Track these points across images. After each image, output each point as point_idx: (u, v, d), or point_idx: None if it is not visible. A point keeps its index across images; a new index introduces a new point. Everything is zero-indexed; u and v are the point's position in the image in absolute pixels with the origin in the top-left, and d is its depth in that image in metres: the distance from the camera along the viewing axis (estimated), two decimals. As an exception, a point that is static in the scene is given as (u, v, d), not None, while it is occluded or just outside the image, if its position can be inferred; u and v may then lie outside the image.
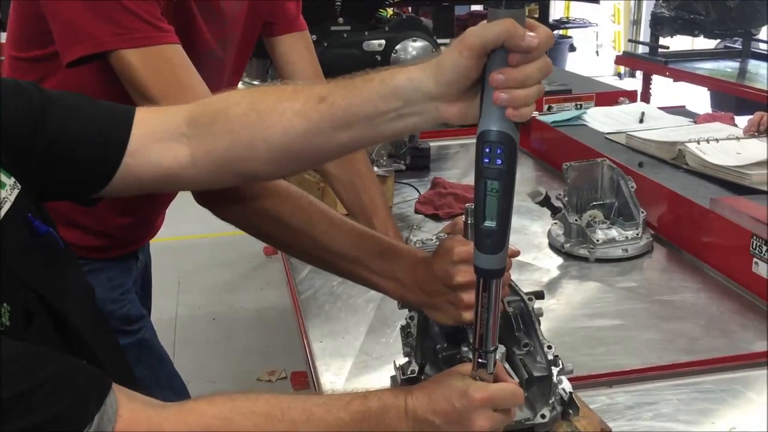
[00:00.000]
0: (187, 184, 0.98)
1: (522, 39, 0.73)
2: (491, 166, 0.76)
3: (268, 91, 0.93)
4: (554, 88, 2.86)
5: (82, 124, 0.91)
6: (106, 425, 0.72)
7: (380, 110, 0.83)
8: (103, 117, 0.94)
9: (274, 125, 0.89)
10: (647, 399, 1.19)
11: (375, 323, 1.45)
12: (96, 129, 0.92)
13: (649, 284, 1.60)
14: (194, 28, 1.32)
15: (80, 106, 0.93)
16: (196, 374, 1.83)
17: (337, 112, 0.85)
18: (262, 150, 0.91)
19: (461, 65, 0.77)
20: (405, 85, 0.82)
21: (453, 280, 0.96)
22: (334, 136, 0.87)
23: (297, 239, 1.09)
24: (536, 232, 1.86)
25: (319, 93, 0.87)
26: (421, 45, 2.42)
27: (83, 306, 0.92)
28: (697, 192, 1.79)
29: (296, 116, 0.88)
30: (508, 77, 0.74)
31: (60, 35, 1.19)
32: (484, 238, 0.79)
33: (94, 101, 0.96)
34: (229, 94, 0.96)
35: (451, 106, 0.81)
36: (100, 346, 0.90)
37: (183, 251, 4.28)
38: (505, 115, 0.75)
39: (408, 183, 2.16)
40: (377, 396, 0.87)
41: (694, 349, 1.34)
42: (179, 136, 0.93)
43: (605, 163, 1.81)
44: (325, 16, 2.46)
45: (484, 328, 0.86)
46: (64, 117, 0.90)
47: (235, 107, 0.92)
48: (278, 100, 0.90)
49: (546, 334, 1.06)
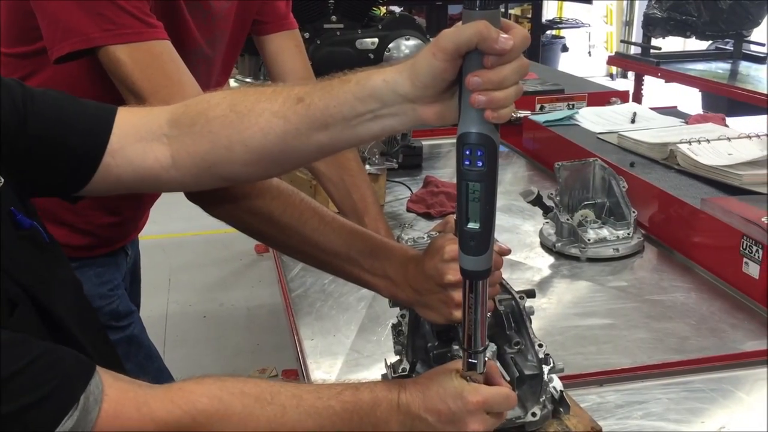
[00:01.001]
0: (168, 185, 0.97)
1: (495, 41, 0.72)
2: (472, 169, 0.76)
3: (249, 92, 0.92)
4: (547, 87, 2.86)
5: (63, 122, 0.91)
6: (92, 406, 0.73)
7: (357, 111, 0.83)
8: (85, 115, 0.93)
9: (252, 126, 0.88)
10: (637, 398, 1.20)
11: (366, 321, 1.45)
12: (77, 128, 0.92)
13: (639, 284, 1.60)
14: (182, 25, 1.32)
15: (62, 105, 0.92)
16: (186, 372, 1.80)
17: (314, 114, 0.85)
18: (241, 152, 0.90)
19: (436, 67, 0.77)
20: (381, 87, 0.81)
21: (444, 278, 0.97)
22: (312, 137, 0.87)
23: (288, 237, 1.09)
24: (528, 231, 1.86)
25: (297, 94, 0.87)
26: (414, 43, 2.42)
27: (69, 299, 0.92)
28: (688, 192, 1.80)
29: (274, 117, 0.87)
30: (485, 79, 0.74)
31: (48, 31, 1.18)
32: (468, 240, 0.79)
33: (77, 99, 0.95)
34: (210, 95, 0.95)
35: (428, 108, 0.81)
36: (87, 339, 0.90)
37: (174, 249, 4.27)
38: (484, 117, 0.74)
39: (400, 181, 2.16)
40: (369, 388, 0.87)
41: (684, 349, 1.34)
42: (160, 137, 0.93)
43: (597, 162, 1.81)
44: (318, 14, 2.46)
45: (472, 328, 0.86)
46: (46, 115, 0.90)
47: (215, 108, 0.92)
48: (257, 101, 0.89)
49: (537, 332, 1.06)
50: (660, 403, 1.18)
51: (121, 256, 1.56)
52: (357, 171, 1.59)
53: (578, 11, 9.43)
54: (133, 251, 1.67)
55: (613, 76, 9.32)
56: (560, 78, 3.23)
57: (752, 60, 4.53)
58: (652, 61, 4.52)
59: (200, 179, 0.96)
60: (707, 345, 1.35)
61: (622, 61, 5.25)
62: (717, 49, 4.88)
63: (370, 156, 1.88)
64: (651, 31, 4.62)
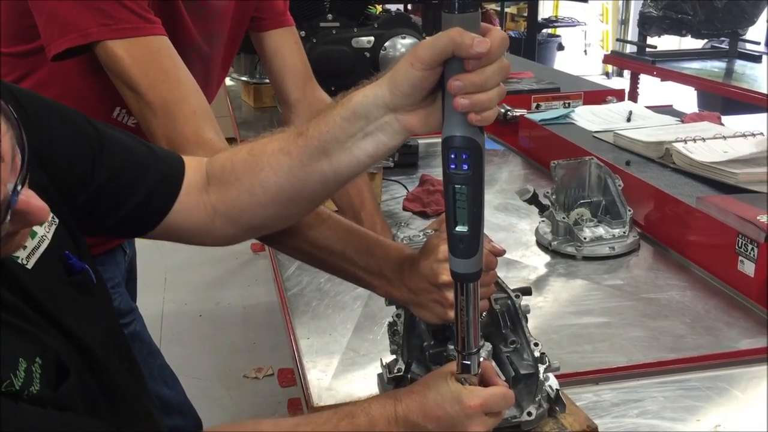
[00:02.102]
0: (215, 238, 0.99)
1: (470, 47, 0.72)
2: (458, 172, 0.76)
3: (266, 136, 0.94)
4: (543, 86, 2.87)
5: (134, 169, 0.92)
6: None
7: (347, 132, 0.84)
8: (156, 165, 0.94)
9: (265, 167, 0.90)
10: (633, 396, 1.20)
11: (362, 320, 1.44)
12: (148, 178, 0.93)
13: (635, 282, 1.60)
14: (179, 22, 1.31)
15: (134, 150, 0.94)
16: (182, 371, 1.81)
17: (311, 143, 0.87)
18: (260, 194, 0.92)
19: (414, 77, 0.77)
20: (362, 102, 0.82)
21: (438, 278, 0.96)
22: (315, 167, 0.88)
23: (284, 234, 1.09)
24: (524, 229, 1.86)
25: (298, 128, 0.89)
26: (410, 42, 2.42)
27: (114, 344, 0.91)
28: (684, 191, 1.80)
29: (281, 153, 0.89)
30: (466, 83, 0.73)
31: (45, 28, 1.18)
32: (457, 243, 0.79)
33: (148, 144, 0.97)
34: (235, 147, 0.99)
35: (411, 116, 0.82)
36: (126, 383, 0.89)
37: (170, 247, 4.21)
38: (468, 119, 0.74)
39: (396, 180, 2.16)
40: (363, 411, 0.87)
41: (680, 347, 1.34)
42: (205, 186, 0.96)
43: (593, 161, 1.81)
44: (314, 13, 2.46)
45: (464, 330, 0.86)
46: (120, 159, 0.91)
47: (237, 153, 0.95)
48: (269, 141, 0.92)
49: (533, 331, 1.06)
50: (656, 401, 1.18)
51: (119, 254, 1.56)
52: None
53: (574, 10, 9.43)
54: (131, 249, 1.66)
55: (609, 74, 9.33)
56: (556, 76, 3.23)
57: (748, 59, 4.54)
58: (647, 60, 4.53)
59: (236, 230, 0.98)
60: (703, 343, 1.36)
61: (618, 59, 5.26)
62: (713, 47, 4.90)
63: (366, 155, 1.88)
64: (647, 29, 4.63)
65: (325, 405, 1.19)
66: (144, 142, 0.98)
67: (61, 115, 0.88)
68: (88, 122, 0.91)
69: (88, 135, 0.89)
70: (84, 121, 0.91)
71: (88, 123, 0.91)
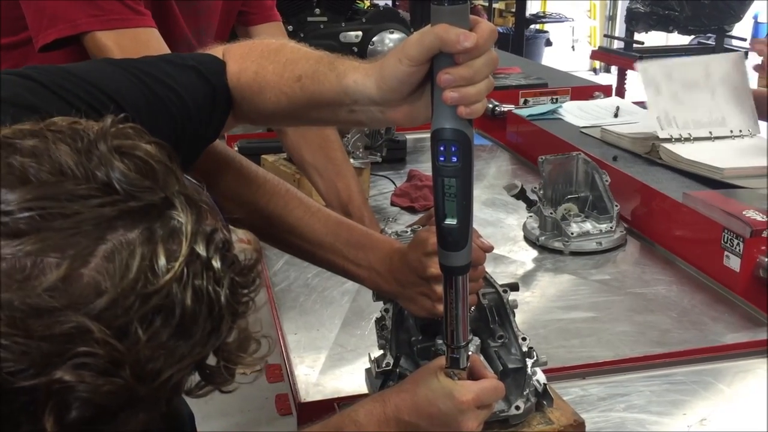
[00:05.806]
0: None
1: (458, 42, 0.72)
2: (447, 165, 0.76)
3: (280, 57, 0.93)
4: (530, 81, 2.87)
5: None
6: None
7: (338, 102, 0.86)
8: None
9: (267, 100, 0.90)
10: (620, 390, 1.20)
11: (350, 315, 1.44)
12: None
13: (622, 277, 1.61)
14: (169, 16, 1.31)
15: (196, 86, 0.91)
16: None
17: (307, 95, 0.88)
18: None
19: (402, 72, 0.77)
20: (352, 87, 0.83)
21: (426, 271, 0.96)
22: (311, 114, 0.90)
23: (272, 226, 1.08)
24: (511, 224, 1.87)
25: (300, 72, 0.89)
26: (398, 37, 2.41)
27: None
28: (670, 186, 1.81)
29: (281, 94, 0.89)
30: (456, 76, 0.73)
31: (33, 19, 1.17)
32: (446, 235, 0.79)
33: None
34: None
35: (396, 111, 0.82)
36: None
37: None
38: (457, 113, 0.74)
39: (384, 175, 2.16)
40: (351, 420, 0.86)
41: (666, 341, 1.35)
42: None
43: (580, 156, 1.81)
44: (302, 8, 2.45)
45: (453, 324, 0.86)
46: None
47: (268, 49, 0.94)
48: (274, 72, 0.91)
49: (521, 326, 1.07)
50: (642, 395, 1.19)
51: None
52: (342, 160, 1.59)
53: (562, 6, 9.45)
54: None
55: (597, 70, 9.36)
56: (544, 72, 3.24)
57: (733, 55, 4.56)
58: (635, 56, 4.54)
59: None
60: (689, 338, 1.36)
61: (605, 55, 5.29)
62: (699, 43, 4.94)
63: (354, 150, 1.88)
64: (634, 25, 4.66)
65: (313, 401, 1.18)
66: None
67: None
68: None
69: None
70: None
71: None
